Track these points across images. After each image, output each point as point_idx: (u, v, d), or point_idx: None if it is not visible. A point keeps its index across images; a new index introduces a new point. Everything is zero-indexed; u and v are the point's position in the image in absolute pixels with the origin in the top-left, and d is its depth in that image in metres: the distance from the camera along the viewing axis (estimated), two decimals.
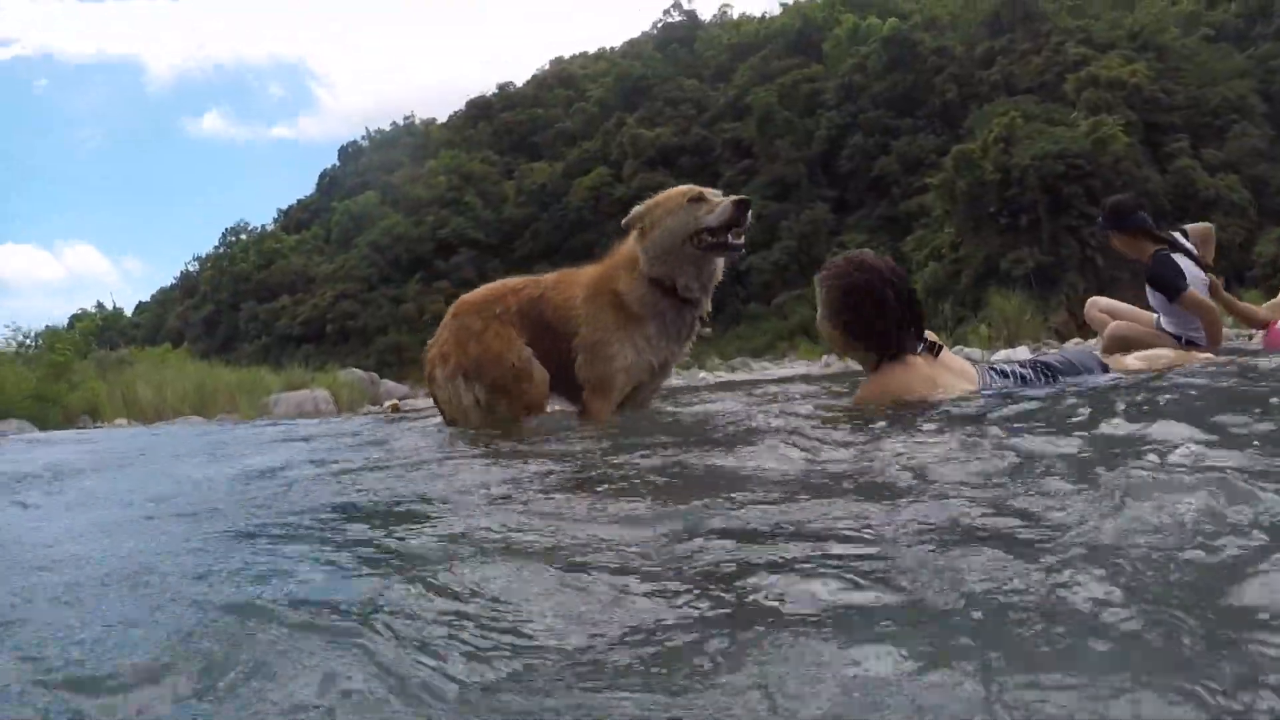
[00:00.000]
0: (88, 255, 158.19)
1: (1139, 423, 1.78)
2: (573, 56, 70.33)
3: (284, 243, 61.25)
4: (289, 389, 14.20)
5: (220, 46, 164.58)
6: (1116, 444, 1.60)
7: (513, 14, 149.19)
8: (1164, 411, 2.04)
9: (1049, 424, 1.94)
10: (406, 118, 72.95)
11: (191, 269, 66.53)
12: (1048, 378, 2.70)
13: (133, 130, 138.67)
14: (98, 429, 9.65)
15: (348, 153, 73.37)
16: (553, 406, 3.16)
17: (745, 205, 2.82)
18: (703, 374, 19.45)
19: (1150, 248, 4.82)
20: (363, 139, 73.81)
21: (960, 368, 2.73)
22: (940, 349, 2.70)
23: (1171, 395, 2.34)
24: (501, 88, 67.35)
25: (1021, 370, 2.73)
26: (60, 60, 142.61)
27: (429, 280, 52.42)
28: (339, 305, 51.92)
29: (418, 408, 8.70)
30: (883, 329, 2.60)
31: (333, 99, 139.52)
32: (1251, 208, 31.89)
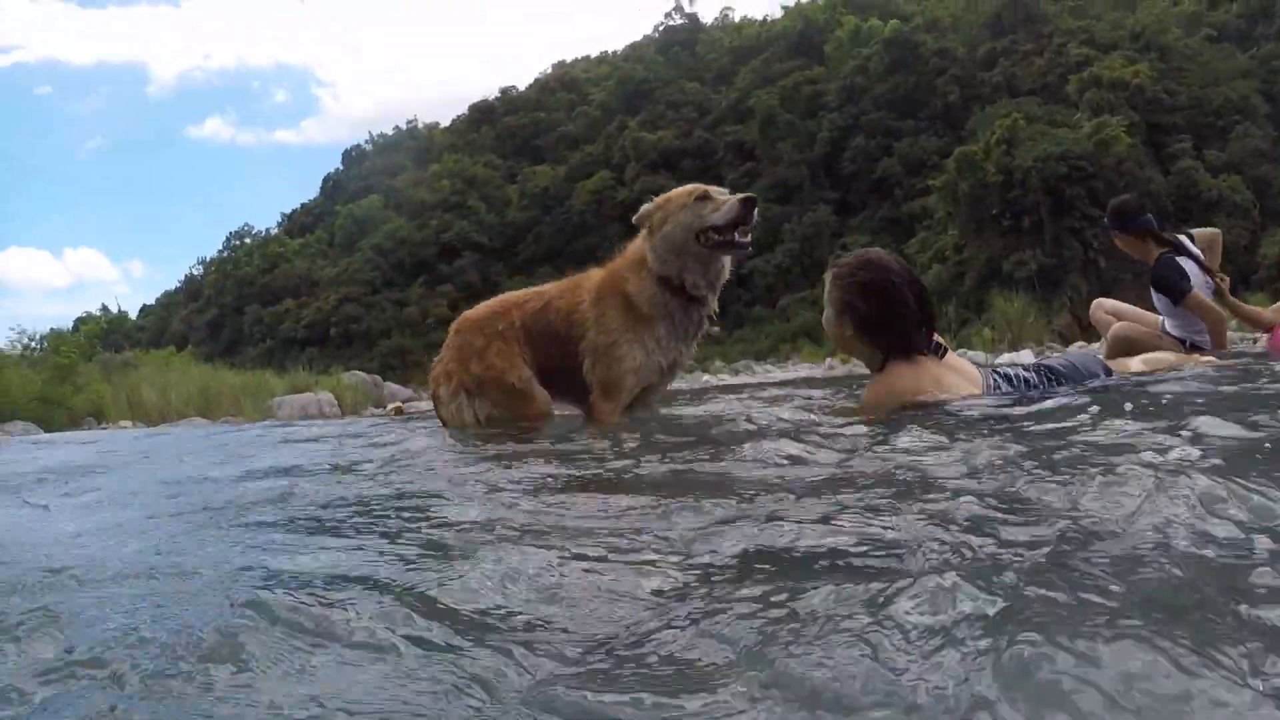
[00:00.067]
0: (92, 259, 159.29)
1: (1142, 424, 1.78)
2: (575, 60, 70.67)
3: (288, 246, 61.42)
4: (292, 392, 14.23)
5: (223, 52, 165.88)
6: (1123, 445, 1.60)
7: (514, 18, 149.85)
8: (1166, 413, 2.04)
9: (1054, 426, 1.94)
10: (409, 122, 73.34)
11: (195, 273, 66.86)
12: (1051, 382, 2.69)
13: (136, 135, 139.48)
14: (103, 430, 9.67)
15: (351, 157, 73.59)
16: (564, 411, 3.16)
17: (751, 203, 2.83)
18: (706, 377, 19.44)
19: (1155, 250, 4.81)
20: (366, 143, 74.11)
21: (965, 370, 2.71)
22: (945, 350, 2.69)
23: (1172, 398, 2.34)
24: (504, 91, 67.61)
25: (1025, 374, 2.72)
26: (64, 66, 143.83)
27: (432, 284, 52.56)
28: (343, 309, 52.03)
29: (421, 410, 8.70)
30: (901, 328, 2.59)
31: (336, 103, 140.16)
32: (1255, 209, 31.81)
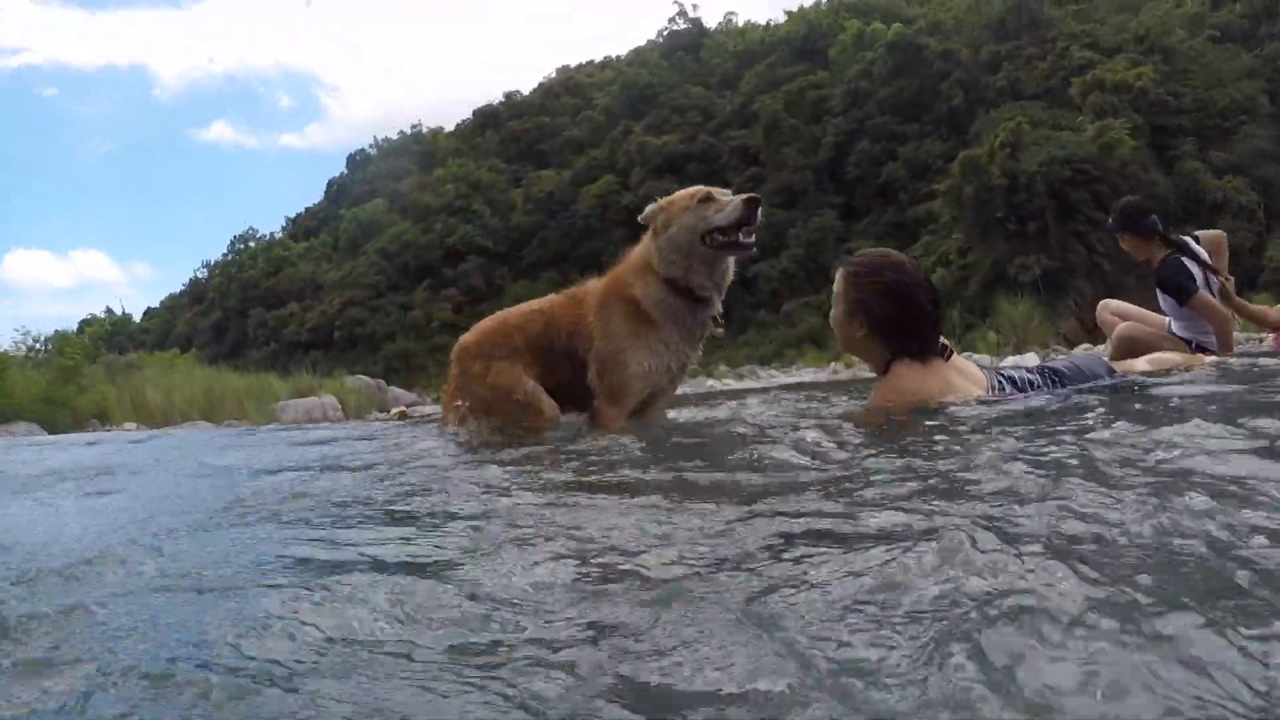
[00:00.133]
0: (97, 261, 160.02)
1: (1146, 425, 1.77)
2: (579, 65, 70.78)
3: (292, 250, 61.68)
4: (296, 395, 14.25)
5: (227, 56, 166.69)
6: (1131, 447, 1.59)
7: (518, 23, 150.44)
8: (1168, 414, 2.02)
9: (1056, 427, 1.94)
10: (414, 126, 73.48)
11: (200, 275, 67.20)
12: (1055, 384, 2.70)
13: (142, 138, 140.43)
14: (106, 432, 9.69)
15: (356, 161, 73.85)
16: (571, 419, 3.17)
17: (755, 203, 2.82)
18: (710, 382, 19.42)
19: (1161, 251, 4.80)
20: (370, 147, 74.37)
21: (971, 373, 2.72)
22: (951, 353, 2.70)
23: (1174, 398, 2.33)
24: (508, 96, 67.88)
25: (1029, 376, 2.73)
26: (70, 69, 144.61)
27: (437, 287, 52.72)
28: (347, 312, 52.20)
29: (425, 414, 8.73)
30: (916, 330, 2.60)
31: (341, 108, 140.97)
32: (1260, 210, 31.74)
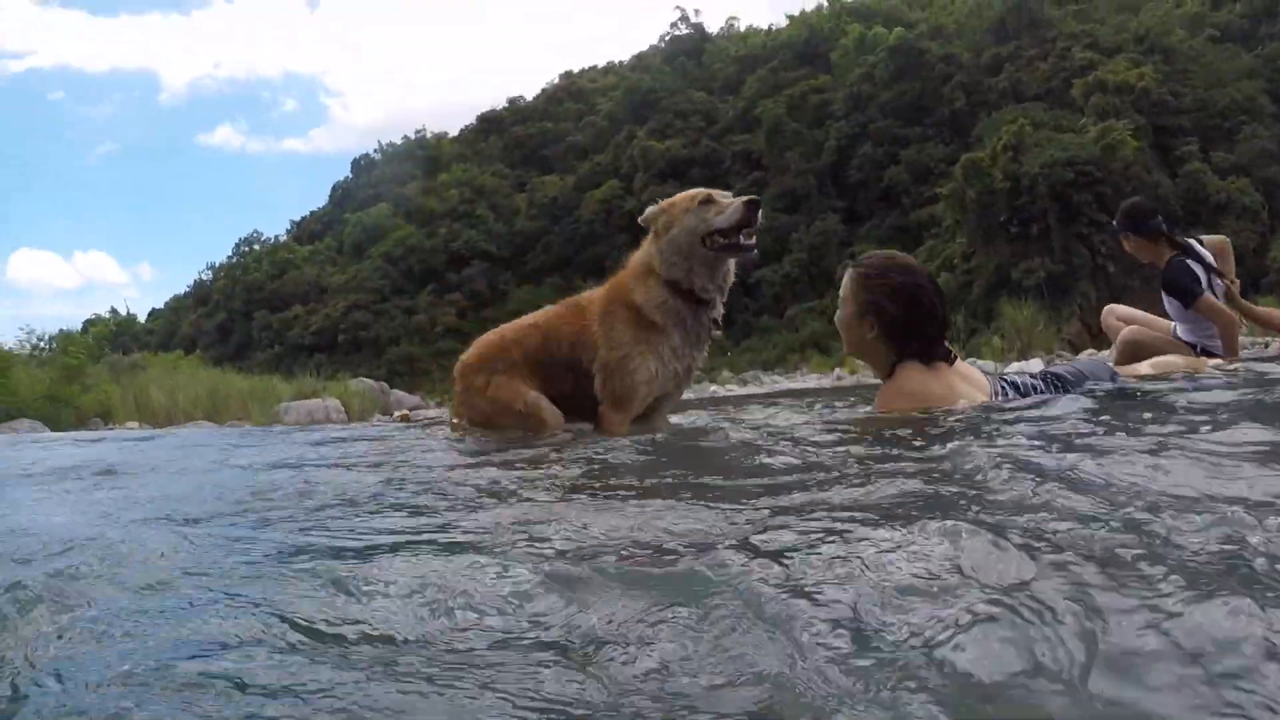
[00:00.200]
0: (102, 262, 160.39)
1: (1151, 427, 1.78)
2: (582, 70, 70.93)
3: (296, 253, 61.78)
4: (300, 397, 14.30)
5: (232, 61, 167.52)
6: (1136, 450, 1.60)
7: (521, 29, 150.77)
8: (1171, 415, 2.03)
9: (1059, 428, 1.94)
10: (418, 131, 73.52)
11: (205, 277, 67.22)
12: (1058, 388, 2.70)
13: (147, 141, 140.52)
14: (109, 430, 9.71)
15: (360, 165, 74.02)
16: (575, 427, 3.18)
17: (755, 205, 2.83)
18: (713, 387, 19.37)
19: (1166, 253, 4.79)
20: (375, 152, 74.50)
21: (974, 378, 2.73)
22: (955, 358, 2.71)
23: (1176, 400, 2.33)
24: (511, 101, 67.99)
25: (1032, 381, 2.74)
26: (76, 72, 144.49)
27: (441, 292, 52.80)
28: (351, 315, 52.28)
29: (428, 417, 8.74)
30: (927, 333, 2.61)
31: (344, 113, 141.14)
32: (1264, 211, 31.66)
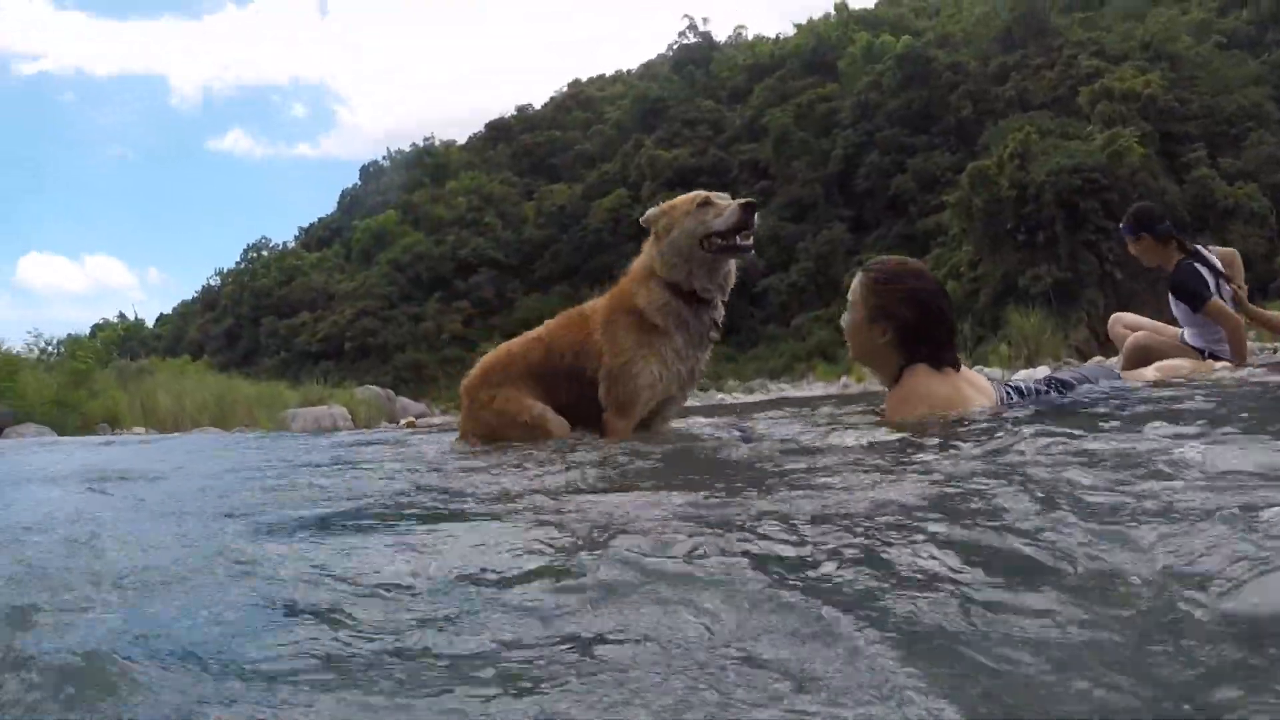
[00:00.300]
0: (111, 267, 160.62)
1: (1155, 430, 1.78)
2: (590, 79, 71.21)
3: (305, 260, 62.05)
4: (306, 404, 14.40)
5: (242, 66, 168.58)
6: (1145, 452, 1.59)
7: (530, 38, 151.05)
8: (1174, 417, 2.02)
9: (1061, 429, 1.94)
10: (426, 139, 73.70)
11: (213, 283, 67.32)
12: (1062, 394, 2.72)
13: (157, 146, 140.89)
14: (117, 436, 9.76)
15: (369, 172, 74.43)
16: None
17: (751, 208, 2.88)
18: (720, 395, 19.30)
19: (1175, 256, 4.77)
20: (383, 159, 74.83)
21: (979, 384, 2.74)
22: (959, 364, 2.71)
23: (1179, 402, 2.32)
24: (520, 110, 68.26)
25: (1036, 387, 2.75)
26: (88, 76, 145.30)
27: (449, 299, 52.96)
28: (359, 322, 52.44)
29: (434, 424, 8.78)
30: (939, 339, 2.62)
31: (353, 119, 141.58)
32: (1272, 216, 31.48)
